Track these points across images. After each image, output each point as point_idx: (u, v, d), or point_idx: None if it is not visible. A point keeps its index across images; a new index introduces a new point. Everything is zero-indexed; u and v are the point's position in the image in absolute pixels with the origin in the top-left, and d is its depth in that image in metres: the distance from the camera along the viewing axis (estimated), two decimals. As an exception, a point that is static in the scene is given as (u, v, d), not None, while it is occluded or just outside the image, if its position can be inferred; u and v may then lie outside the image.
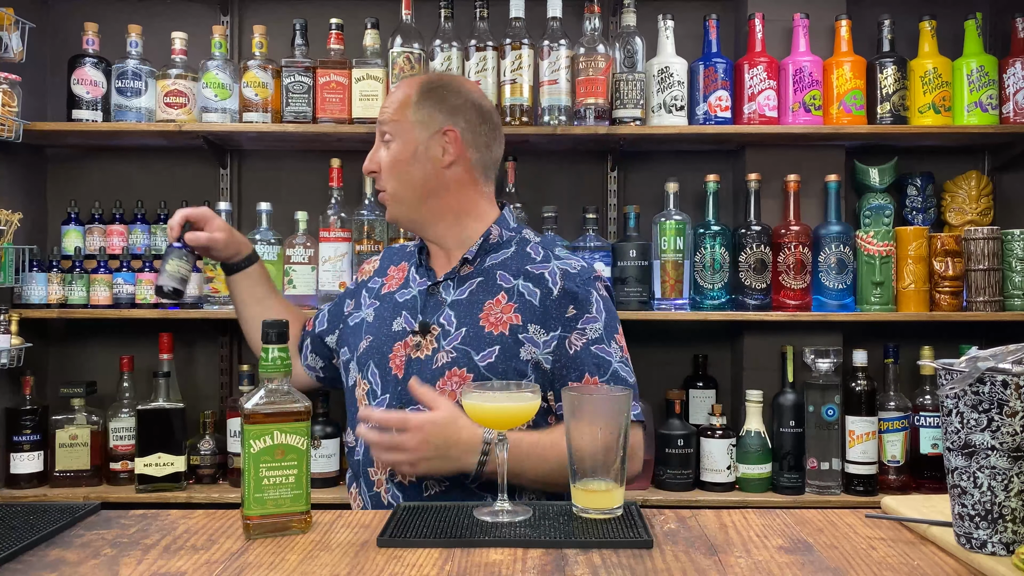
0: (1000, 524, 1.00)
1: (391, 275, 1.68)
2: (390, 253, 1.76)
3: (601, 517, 1.17)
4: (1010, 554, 1.00)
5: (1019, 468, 0.99)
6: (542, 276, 1.55)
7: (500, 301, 1.53)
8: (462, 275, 1.58)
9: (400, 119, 1.57)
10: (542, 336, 1.51)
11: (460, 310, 1.54)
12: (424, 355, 1.53)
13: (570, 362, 1.51)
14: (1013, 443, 0.99)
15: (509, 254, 1.60)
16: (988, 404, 0.99)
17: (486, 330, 1.51)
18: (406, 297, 1.61)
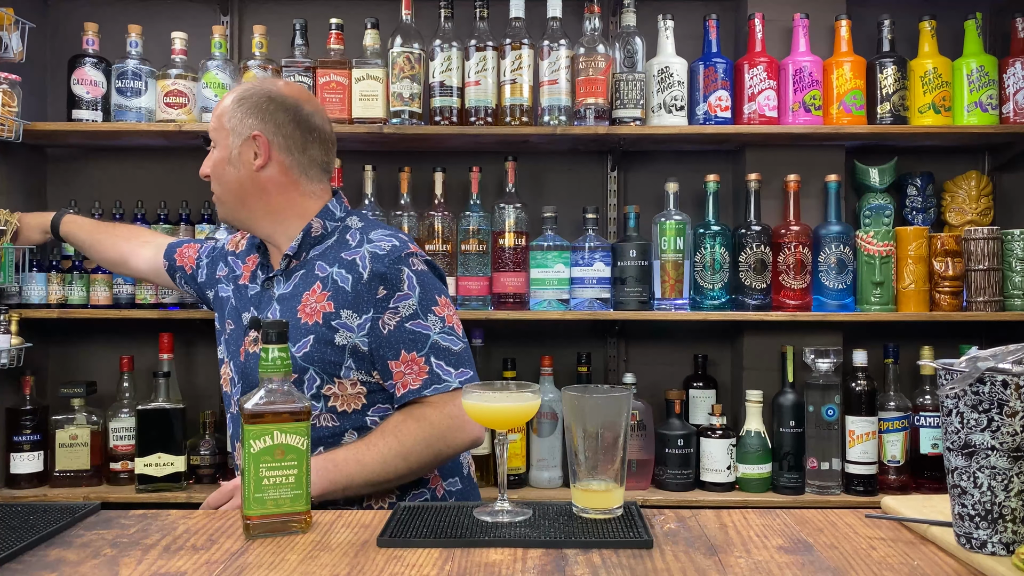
0: (1000, 524, 1.00)
1: (248, 264, 1.77)
2: (253, 240, 1.80)
3: (601, 517, 1.17)
4: (1010, 554, 1.00)
5: (1019, 468, 0.99)
6: (353, 261, 1.60)
7: (316, 291, 1.60)
8: (288, 270, 1.67)
9: (219, 126, 1.68)
10: (355, 320, 1.56)
11: (284, 304, 1.64)
12: (258, 350, 1.62)
13: (385, 342, 1.55)
14: (1013, 443, 0.99)
15: (329, 244, 1.66)
16: (988, 404, 0.99)
17: (302, 321, 1.58)
18: (253, 292, 1.72)
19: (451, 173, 2.60)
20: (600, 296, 2.49)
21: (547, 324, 2.62)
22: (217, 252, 1.88)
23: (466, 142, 2.60)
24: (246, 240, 1.81)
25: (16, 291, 2.46)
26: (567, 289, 2.50)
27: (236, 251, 1.83)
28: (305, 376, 1.56)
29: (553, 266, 2.48)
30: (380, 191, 2.61)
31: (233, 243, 1.86)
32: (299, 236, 1.65)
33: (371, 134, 2.48)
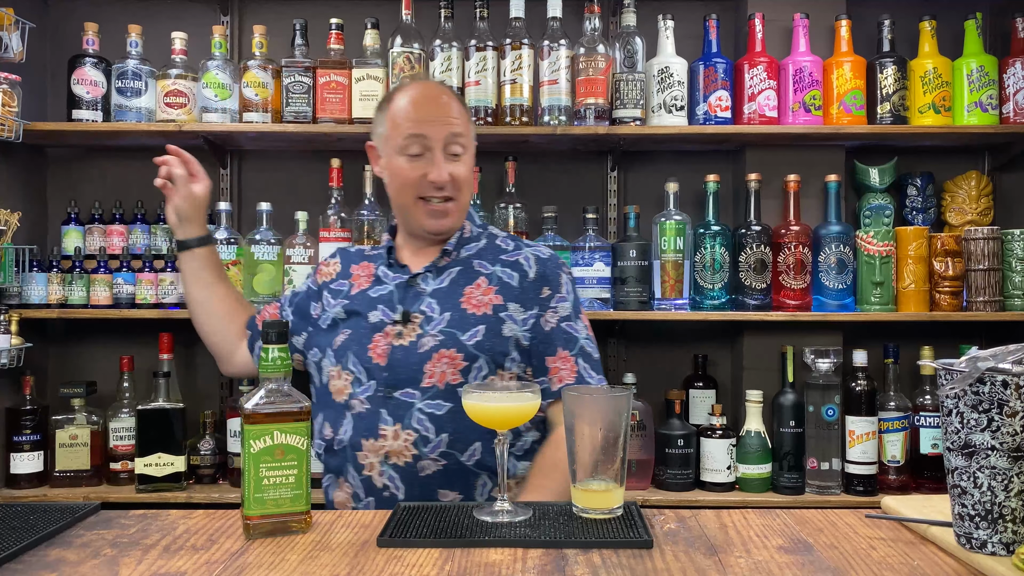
0: (1000, 524, 1.00)
1: (357, 275, 1.75)
2: (347, 256, 1.82)
3: (601, 517, 1.17)
4: (1010, 554, 1.00)
5: (1019, 468, 0.99)
6: (517, 262, 1.69)
7: (480, 285, 1.65)
8: (440, 266, 1.69)
9: (466, 132, 1.68)
10: (520, 314, 1.64)
11: (441, 297, 1.64)
12: (408, 341, 1.61)
13: (545, 338, 1.65)
14: (1013, 443, 0.99)
15: (482, 245, 1.73)
16: (988, 404, 0.99)
17: (468, 312, 1.62)
18: (381, 292, 1.69)
19: (451, 173, 2.60)
20: (600, 296, 2.49)
21: (547, 324, 2.62)
22: (302, 296, 1.82)
23: (466, 142, 2.59)
24: (337, 263, 1.81)
25: (16, 291, 2.46)
26: (567, 289, 2.50)
27: (331, 278, 1.78)
28: (474, 364, 1.59)
29: (553, 266, 2.48)
30: (380, 191, 2.60)
31: (324, 274, 1.81)
32: (456, 235, 1.71)
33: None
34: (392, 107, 1.68)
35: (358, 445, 1.59)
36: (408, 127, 1.63)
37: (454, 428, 1.55)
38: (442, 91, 1.71)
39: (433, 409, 1.56)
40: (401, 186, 1.66)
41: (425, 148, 1.63)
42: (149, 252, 2.57)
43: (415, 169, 1.64)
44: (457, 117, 1.66)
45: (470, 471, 1.56)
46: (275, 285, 2.49)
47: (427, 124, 1.63)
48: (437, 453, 1.55)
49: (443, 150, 1.64)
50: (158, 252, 2.61)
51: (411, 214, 1.67)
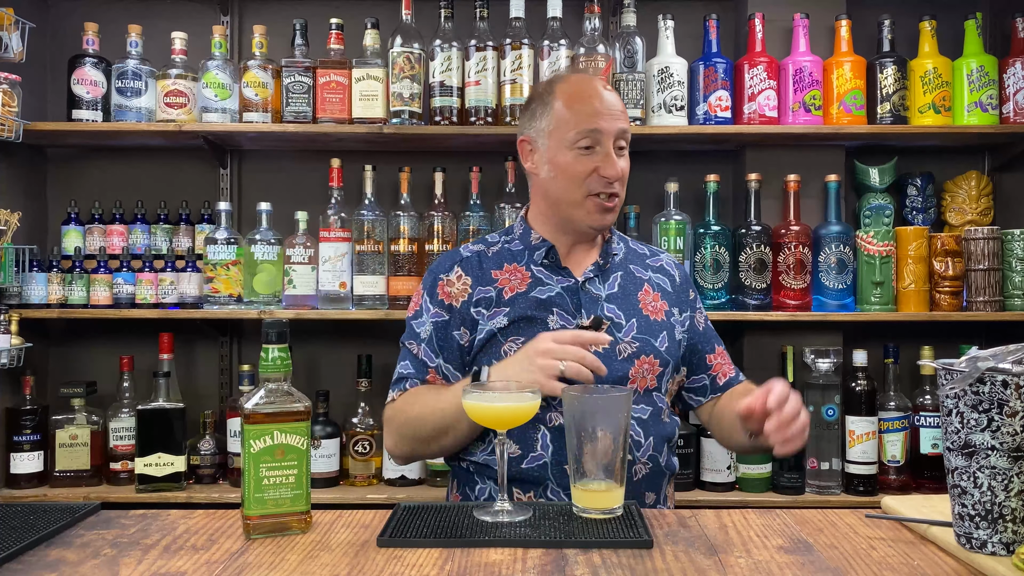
0: (1000, 524, 1.00)
1: (504, 279, 1.62)
2: (473, 264, 1.65)
3: (601, 517, 1.17)
4: (1010, 554, 1.00)
5: (1019, 468, 0.99)
6: (662, 267, 1.73)
7: (648, 291, 1.66)
8: (604, 270, 1.65)
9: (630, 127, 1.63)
10: (679, 318, 1.69)
11: (619, 303, 1.62)
12: (603, 348, 1.53)
13: (702, 337, 1.72)
14: (1013, 443, 0.99)
15: (625, 250, 1.72)
16: (988, 404, 0.99)
17: (651, 318, 1.63)
18: (549, 295, 1.60)
19: (451, 173, 2.60)
20: (600, 296, 2.49)
21: (547, 324, 2.62)
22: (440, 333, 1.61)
23: (466, 142, 2.60)
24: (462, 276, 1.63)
25: (16, 291, 2.46)
26: (567, 289, 2.50)
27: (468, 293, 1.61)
28: (666, 370, 1.61)
29: (553, 266, 2.48)
30: (380, 191, 2.61)
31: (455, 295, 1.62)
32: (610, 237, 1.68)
33: (371, 134, 2.48)
34: (558, 100, 1.60)
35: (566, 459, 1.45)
36: (583, 121, 1.56)
37: (656, 432, 1.56)
38: (605, 85, 1.63)
39: (639, 414, 1.55)
40: (569, 181, 1.58)
41: (596, 143, 1.56)
42: (149, 252, 2.57)
43: (586, 164, 1.56)
44: (623, 112, 1.60)
45: (663, 472, 1.58)
46: (275, 285, 2.49)
47: (600, 119, 1.56)
48: (647, 457, 1.54)
49: (613, 145, 1.57)
50: (158, 252, 2.61)
51: (577, 209, 1.59)
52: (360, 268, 2.48)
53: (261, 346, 1.16)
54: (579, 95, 1.59)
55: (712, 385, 1.71)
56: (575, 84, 1.62)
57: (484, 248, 1.69)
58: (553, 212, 1.64)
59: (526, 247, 1.66)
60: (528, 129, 1.66)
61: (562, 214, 1.63)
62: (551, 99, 1.62)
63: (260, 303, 2.48)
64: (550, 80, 1.69)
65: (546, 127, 1.61)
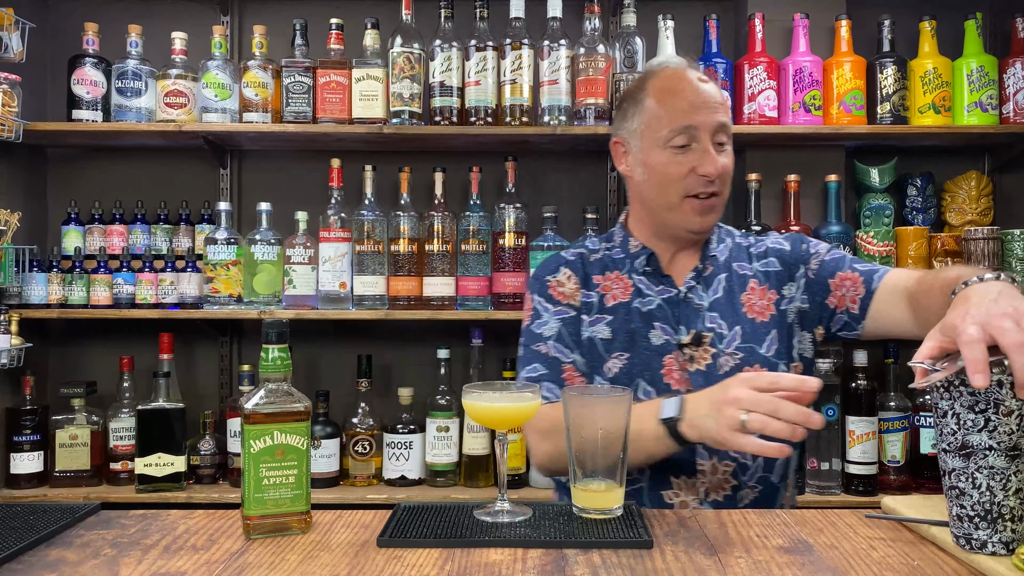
0: (1000, 524, 1.00)
1: (606, 286, 1.56)
2: (577, 265, 1.58)
3: (601, 517, 1.17)
4: (1010, 553, 1.00)
5: (1016, 467, 0.99)
6: (767, 249, 1.58)
7: (754, 288, 1.54)
8: (706, 275, 1.54)
9: (730, 120, 1.53)
10: (793, 287, 1.54)
11: (722, 310, 1.51)
12: (704, 364, 1.47)
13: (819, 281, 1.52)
14: (1010, 442, 0.99)
15: (730, 245, 1.59)
16: (984, 404, 0.99)
17: (757, 321, 1.51)
18: (649, 307, 1.52)
19: (451, 173, 2.60)
20: (600, 296, 2.49)
21: (547, 324, 2.62)
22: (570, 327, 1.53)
23: (466, 142, 2.60)
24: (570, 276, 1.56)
25: (16, 291, 2.46)
26: (567, 289, 2.50)
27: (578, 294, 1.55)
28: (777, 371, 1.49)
29: (553, 266, 2.48)
30: (380, 191, 2.61)
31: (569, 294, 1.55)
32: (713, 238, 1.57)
33: (371, 134, 2.48)
34: (649, 97, 1.51)
35: (665, 483, 1.44)
36: (675, 118, 1.47)
37: None
38: (700, 75, 1.53)
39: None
40: (664, 182, 1.48)
41: (692, 139, 1.46)
42: (149, 252, 2.57)
43: (681, 163, 1.47)
44: (722, 104, 1.50)
45: (778, 488, 1.47)
46: (275, 285, 2.49)
47: (695, 113, 1.47)
48: (755, 480, 1.45)
49: (711, 140, 1.47)
50: (158, 252, 2.61)
51: (674, 213, 1.50)
52: (360, 268, 2.48)
53: (261, 346, 1.16)
54: (671, 89, 1.50)
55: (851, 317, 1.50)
56: (667, 78, 1.52)
57: (585, 252, 1.61)
58: (650, 217, 1.55)
59: (627, 255, 1.57)
60: (620, 130, 1.57)
61: (659, 219, 1.54)
62: (642, 96, 1.52)
63: (260, 303, 2.48)
64: (642, 75, 1.58)
65: (638, 126, 1.52)
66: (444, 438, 2.50)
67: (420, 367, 2.69)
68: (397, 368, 2.75)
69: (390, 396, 2.61)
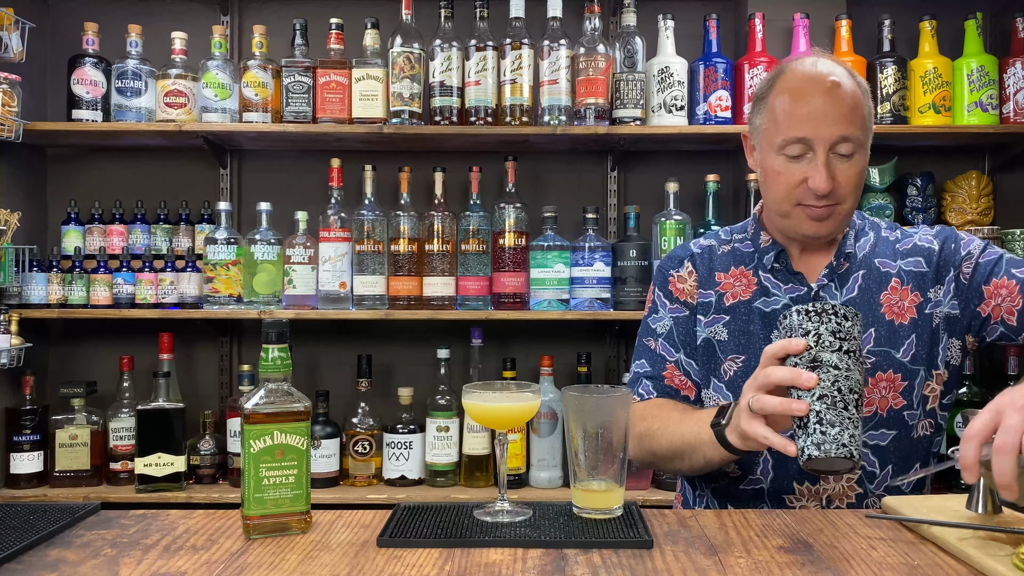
0: (810, 427, 1.08)
1: (727, 283, 1.51)
2: (702, 260, 1.54)
3: (601, 517, 1.17)
4: (824, 455, 1.06)
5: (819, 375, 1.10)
6: (915, 246, 1.50)
7: (895, 288, 1.46)
8: (841, 272, 1.47)
9: (863, 127, 1.40)
10: (941, 290, 1.46)
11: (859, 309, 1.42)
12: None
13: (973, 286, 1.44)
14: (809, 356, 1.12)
15: (872, 240, 1.51)
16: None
17: (896, 323, 1.44)
18: (774, 307, 1.46)
19: (451, 173, 2.60)
20: (600, 296, 2.49)
21: (547, 324, 2.62)
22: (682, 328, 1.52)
23: (466, 142, 2.60)
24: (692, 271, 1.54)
25: (16, 291, 2.46)
26: (567, 289, 2.50)
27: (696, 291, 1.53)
28: (915, 380, 1.43)
29: (553, 266, 2.48)
30: (380, 191, 2.61)
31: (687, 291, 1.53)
32: (851, 232, 1.49)
33: (371, 134, 2.48)
34: (773, 97, 1.42)
35: (788, 489, 1.42)
36: (788, 127, 1.38)
37: (898, 457, 1.42)
38: (834, 77, 1.39)
39: (877, 440, 1.41)
40: (776, 188, 1.43)
41: (807, 150, 1.38)
42: (149, 252, 2.57)
43: (793, 173, 1.39)
44: (850, 112, 1.37)
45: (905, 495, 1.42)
46: (275, 285, 2.49)
47: (810, 124, 1.37)
48: (882, 488, 1.42)
49: (828, 151, 1.37)
50: (158, 252, 2.61)
51: (786, 219, 1.44)
52: (360, 268, 2.48)
53: (261, 346, 1.16)
54: (796, 92, 1.39)
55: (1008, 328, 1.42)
56: (795, 79, 1.41)
57: (715, 244, 1.56)
58: (769, 215, 1.50)
59: (756, 249, 1.52)
60: (750, 124, 1.51)
61: (775, 219, 1.48)
62: (769, 94, 1.43)
63: (260, 303, 2.48)
64: (777, 69, 1.47)
65: (761, 124, 1.45)
66: (444, 438, 2.50)
67: (420, 367, 2.69)
68: (397, 368, 2.75)
69: (390, 396, 2.61)
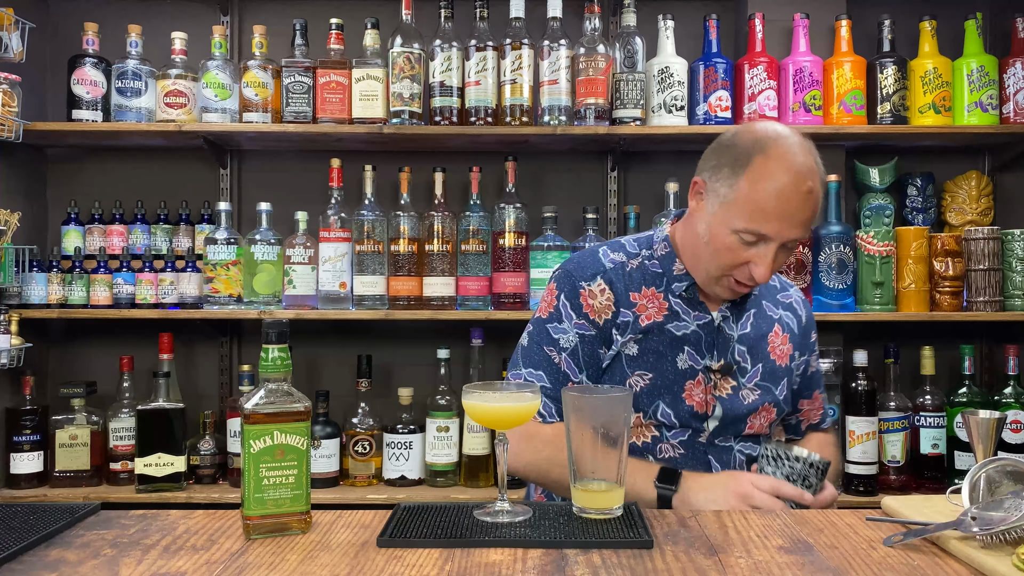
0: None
1: (641, 304, 1.53)
2: (616, 279, 1.54)
3: (601, 517, 1.17)
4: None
5: None
6: (792, 304, 1.66)
7: (777, 333, 1.60)
8: (739, 307, 1.57)
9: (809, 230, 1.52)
10: (797, 361, 1.64)
11: (750, 345, 1.56)
12: (726, 393, 1.53)
13: (807, 381, 1.68)
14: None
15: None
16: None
17: (777, 363, 1.59)
18: (684, 331, 1.52)
19: (451, 173, 2.60)
20: (600, 296, 2.49)
21: (547, 324, 2.62)
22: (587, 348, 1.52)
23: (466, 142, 2.60)
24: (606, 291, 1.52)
25: (16, 291, 2.46)
26: (567, 289, 2.49)
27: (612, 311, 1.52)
28: (778, 417, 1.61)
29: (553, 266, 2.48)
30: (380, 191, 2.61)
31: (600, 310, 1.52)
32: None
33: (371, 134, 2.48)
34: (747, 180, 1.40)
35: None
36: (755, 221, 1.39)
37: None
38: (810, 183, 1.40)
39: (750, 451, 1.56)
40: (716, 258, 1.46)
41: (761, 241, 1.41)
42: (149, 252, 2.57)
43: (739, 255, 1.43)
44: (811, 216, 1.42)
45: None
46: (275, 285, 2.49)
47: (777, 225, 1.39)
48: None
49: (780, 246, 1.42)
50: (158, 252, 2.61)
51: (712, 283, 1.50)
52: (360, 268, 2.48)
53: (261, 346, 1.16)
54: (773, 194, 1.38)
55: (796, 428, 1.73)
56: (774, 172, 1.39)
57: (624, 260, 1.56)
58: (691, 264, 1.53)
59: (666, 273, 1.55)
60: (708, 174, 1.47)
61: (698, 275, 1.52)
62: (742, 170, 1.41)
63: (260, 303, 2.48)
64: (756, 141, 1.42)
65: (724, 193, 1.43)
66: (444, 438, 2.50)
67: (420, 367, 2.69)
68: (397, 368, 2.75)
69: (390, 396, 2.61)
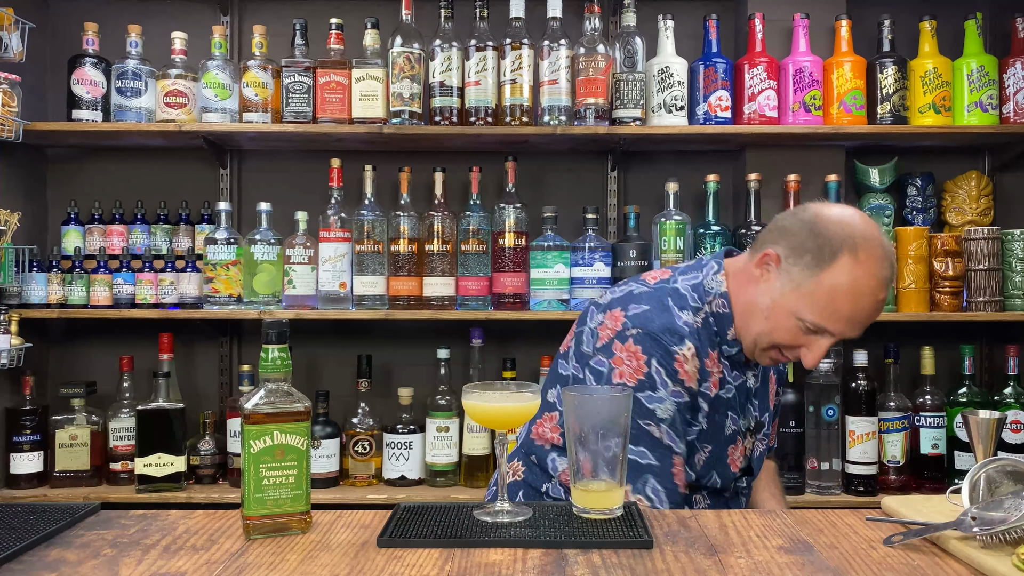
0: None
1: (712, 372, 1.46)
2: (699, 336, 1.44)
3: (601, 517, 1.17)
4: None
5: None
6: None
7: (772, 377, 1.65)
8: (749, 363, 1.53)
9: None
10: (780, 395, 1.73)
11: (761, 397, 1.60)
12: (756, 450, 1.61)
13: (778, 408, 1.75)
14: None
15: None
16: None
17: (772, 407, 1.66)
18: (728, 396, 1.48)
19: (451, 173, 2.60)
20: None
21: (547, 324, 2.62)
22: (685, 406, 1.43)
23: (466, 142, 2.60)
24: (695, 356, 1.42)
25: (16, 291, 2.46)
26: (567, 289, 2.50)
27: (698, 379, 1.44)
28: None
29: (553, 266, 2.48)
30: (380, 191, 2.61)
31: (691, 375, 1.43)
32: None
33: (371, 134, 2.48)
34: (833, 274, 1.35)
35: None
36: (826, 319, 1.37)
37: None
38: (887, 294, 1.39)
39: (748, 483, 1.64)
40: (770, 334, 1.42)
41: (821, 334, 1.39)
42: (149, 252, 2.57)
43: (796, 338, 1.40)
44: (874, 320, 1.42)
45: None
46: (275, 285, 2.49)
47: (847, 326, 1.38)
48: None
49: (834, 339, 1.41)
50: (158, 252, 2.61)
51: (755, 350, 1.46)
52: (360, 268, 2.48)
53: (261, 346, 1.16)
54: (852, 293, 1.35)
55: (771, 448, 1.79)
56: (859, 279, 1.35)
57: (693, 319, 1.45)
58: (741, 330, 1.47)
59: (720, 334, 1.47)
60: (784, 252, 1.41)
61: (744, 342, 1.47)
62: (827, 264, 1.36)
63: (260, 303, 2.48)
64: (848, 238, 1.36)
65: (799, 280, 1.38)
66: (444, 438, 2.50)
67: (420, 367, 2.69)
68: (397, 368, 2.75)
69: (390, 396, 2.61)
